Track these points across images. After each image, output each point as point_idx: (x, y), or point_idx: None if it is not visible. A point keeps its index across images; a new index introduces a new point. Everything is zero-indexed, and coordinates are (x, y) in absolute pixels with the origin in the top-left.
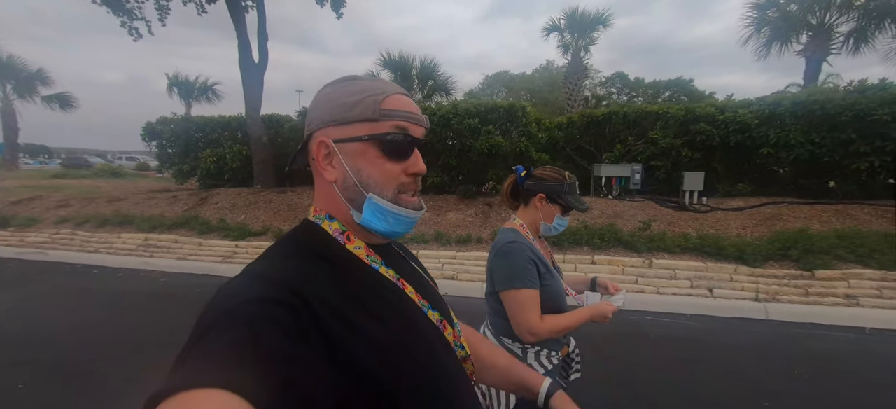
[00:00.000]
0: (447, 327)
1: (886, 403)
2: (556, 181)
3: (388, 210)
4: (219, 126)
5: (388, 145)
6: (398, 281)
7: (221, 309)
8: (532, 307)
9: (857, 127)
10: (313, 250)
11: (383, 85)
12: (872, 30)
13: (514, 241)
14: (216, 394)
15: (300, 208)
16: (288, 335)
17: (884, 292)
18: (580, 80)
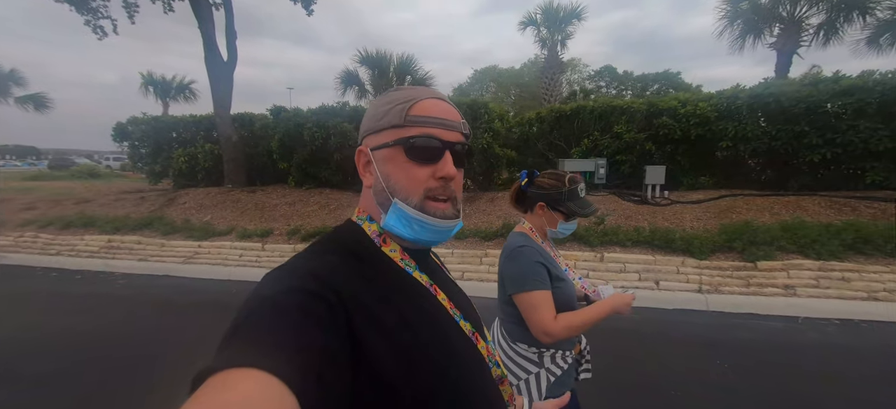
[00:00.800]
0: (480, 341)
1: (801, 390)
2: (554, 189)
3: (412, 216)
4: (191, 125)
5: (412, 149)
6: (431, 287)
7: (262, 296)
8: (545, 308)
9: (810, 119)
10: (350, 249)
11: (417, 92)
12: (841, 23)
13: (523, 245)
14: (256, 373)
15: (268, 208)
16: (321, 327)
17: (820, 282)
18: (556, 73)
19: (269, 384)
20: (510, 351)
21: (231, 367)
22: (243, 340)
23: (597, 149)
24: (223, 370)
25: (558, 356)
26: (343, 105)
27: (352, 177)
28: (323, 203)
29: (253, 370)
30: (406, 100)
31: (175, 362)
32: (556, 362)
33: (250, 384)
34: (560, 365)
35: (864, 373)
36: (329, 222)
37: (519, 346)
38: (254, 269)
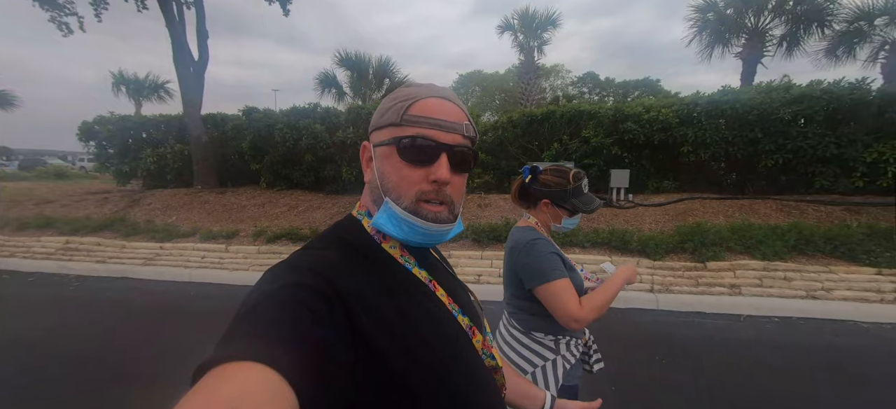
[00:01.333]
0: (476, 334)
1: (733, 384)
2: (558, 187)
3: (400, 217)
4: (161, 125)
5: (404, 150)
6: (430, 283)
7: (262, 292)
8: (569, 294)
9: (763, 126)
10: (350, 244)
11: (423, 91)
12: (801, 34)
13: (536, 239)
14: (255, 366)
15: (236, 209)
16: (320, 322)
17: (764, 282)
18: (533, 78)
19: (268, 377)
20: (526, 340)
21: (231, 360)
22: (243, 334)
23: (566, 153)
24: (223, 362)
25: (572, 344)
26: (314, 106)
27: (324, 179)
28: (292, 205)
29: (252, 364)
30: (407, 98)
31: (120, 365)
32: (571, 349)
33: (250, 377)
34: (574, 353)
35: (797, 367)
36: (297, 224)
37: (536, 335)
38: (216, 271)
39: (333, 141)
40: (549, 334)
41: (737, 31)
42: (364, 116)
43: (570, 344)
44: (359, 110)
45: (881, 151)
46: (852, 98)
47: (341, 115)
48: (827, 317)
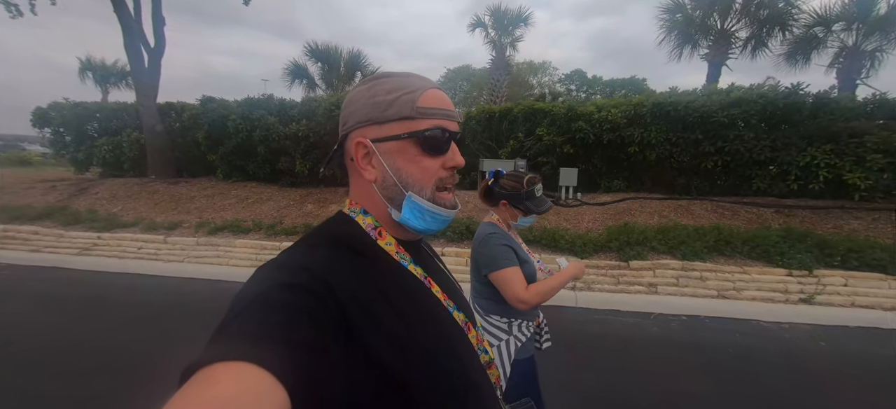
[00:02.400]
0: (471, 330)
1: (625, 379)
2: (514, 190)
3: (426, 208)
4: (119, 113)
5: (427, 142)
6: (425, 279)
7: (253, 292)
8: (517, 280)
9: (704, 128)
10: (344, 242)
11: (418, 81)
12: (764, 37)
13: (492, 233)
14: (246, 367)
15: (184, 200)
16: (312, 322)
17: (680, 281)
18: (503, 76)
19: (259, 378)
20: (484, 323)
21: (220, 361)
22: (233, 334)
23: (522, 150)
24: (212, 363)
25: (523, 325)
26: (268, 97)
27: (279, 171)
28: (243, 197)
29: (243, 364)
30: (411, 89)
31: (31, 354)
32: (522, 330)
33: (240, 378)
34: (524, 333)
35: (688, 362)
36: (243, 216)
37: (492, 318)
38: (151, 262)
39: (287, 133)
40: (503, 318)
41: (704, 32)
42: (320, 109)
43: (522, 326)
44: (310, 102)
45: (814, 155)
46: (786, 103)
47: (295, 107)
48: (732, 316)
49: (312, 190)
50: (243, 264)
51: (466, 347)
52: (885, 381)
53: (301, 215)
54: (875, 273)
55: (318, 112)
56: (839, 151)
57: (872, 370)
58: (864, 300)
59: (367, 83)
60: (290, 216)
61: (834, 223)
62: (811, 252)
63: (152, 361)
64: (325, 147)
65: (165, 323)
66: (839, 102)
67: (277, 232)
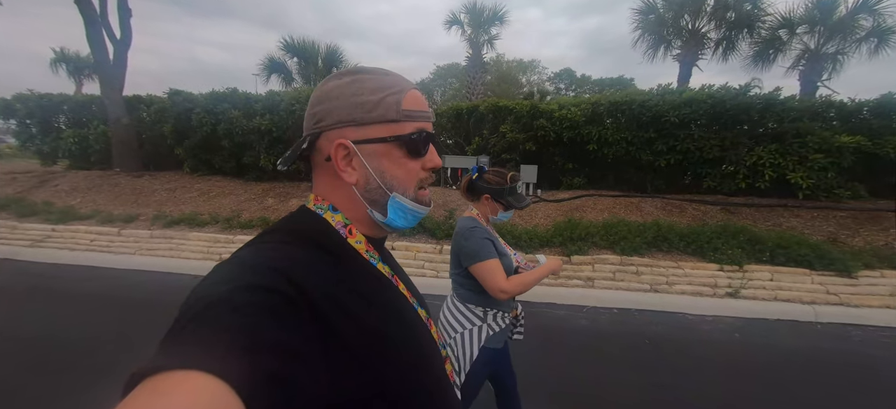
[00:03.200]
0: (432, 326)
1: (545, 369)
2: (497, 185)
3: (408, 208)
4: (85, 105)
5: (411, 145)
6: (393, 277)
7: (212, 294)
8: (498, 272)
9: (657, 127)
10: (311, 240)
11: (398, 81)
12: (734, 38)
13: (474, 227)
14: (198, 377)
15: (145, 193)
16: (281, 325)
17: (617, 275)
18: (479, 73)
19: (212, 389)
20: (461, 308)
21: (171, 369)
22: (186, 339)
23: (487, 147)
24: (161, 371)
25: (499, 316)
26: (232, 91)
27: (245, 165)
28: (205, 190)
29: (195, 373)
30: (395, 90)
31: None
32: (497, 320)
33: (191, 388)
34: (499, 324)
35: (609, 353)
36: (202, 210)
37: (469, 306)
38: (104, 254)
39: (250, 127)
40: (479, 306)
41: (677, 33)
42: (282, 104)
43: (497, 316)
44: (274, 97)
45: (760, 154)
46: (733, 104)
47: (259, 101)
48: (661, 309)
49: (276, 184)
50: (195, 257)
51: (431, 344)
52: (783, 371)
53: (260, 209)
54: (801, 268)
55: (281, 107)
56: (783, 151)
57: (774, 360)
58: (786, 294)
59: (344, 79)
60: (250, 210)
61: (775, 221)
62: (743, 248)
63: (85, 353)
64: (288, 142)
65: (107, 314)
66: (785, 102)
67: (234, 226)
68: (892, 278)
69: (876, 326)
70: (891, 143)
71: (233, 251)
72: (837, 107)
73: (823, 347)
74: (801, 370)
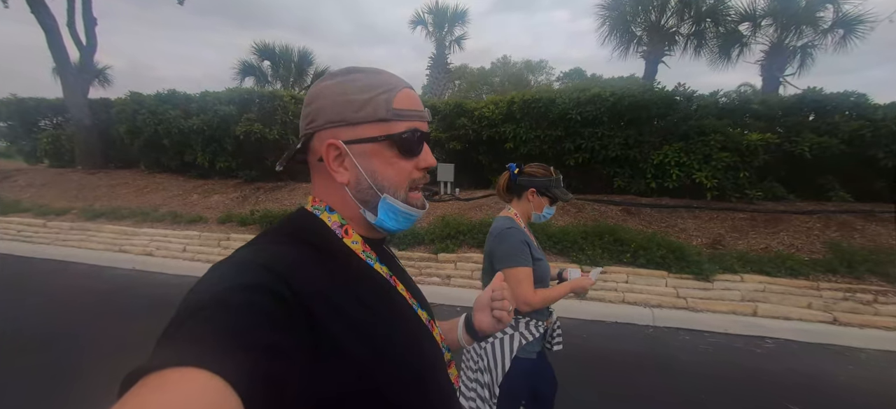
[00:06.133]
0: (434, 328)
1: None
2: (544, 177)
3: (400, 210)
4: (59, 108)
5: (403, 144)
6: (390, 278)
7: (208, 294)
8: (527, 282)
9: (564, 126)
10: (307, 240)
11: (390, 80)
12: (703, 32)
13: (510, 227)
14: (197, 373)
15: (89, 188)
16: (274, 324)
17: (474, 274)
18: (443, 74)
19: (211, 385)
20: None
21: (169, 366)
22: (183, 338)
23: None
24: (160, 369)
25: (532, 324)
26: (172, 92)
27: (187, 163)
28: (142, 187)
29: (194, 370)
30: (386, 89)
31: None
32: (530, 329)
33: (190, 385)
34: (532, 333)
35: None
36: (131, 204)
37: None
38: (23, 244)
39: (187, 127)
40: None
41: (646, 29)
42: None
43: (530, 324)
44: (207, 97)
45: (667, 153)
46: (632, 102)
47: (194, 101)
48: None
49: (208, 181)
50: (99, 248)
51: (432, 345)
52: (601, 374)
53: (182, 204)
54: (659, 271)
55: (212, 106)
56: (688, 150)
57: (594, 363)
58: (635, 297)
59: (335, 79)
60: (171, 204)
61: (671, 222)
62: (607, 249)
63: None
64: (220, 140)
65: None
66: (692, 99)
67: (151, 219)
68: (751, 282)
69: (711, 331)
70: (806, 140)
71: (127, 244)
72: (764, 103)
73: (635, 350)
74: (585, 368)
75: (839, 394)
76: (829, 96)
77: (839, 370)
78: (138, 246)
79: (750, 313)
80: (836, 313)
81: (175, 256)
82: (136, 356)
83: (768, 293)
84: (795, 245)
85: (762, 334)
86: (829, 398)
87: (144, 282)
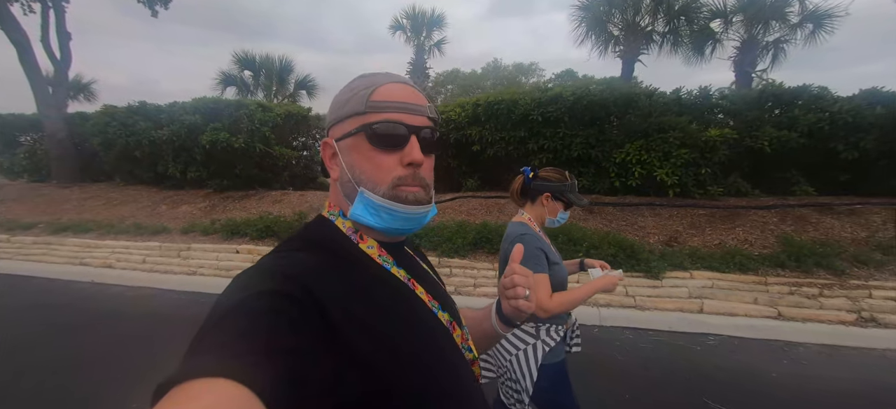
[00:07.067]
0: (456, 329)
1: None
2: (559, 181)
3: (379, 204)
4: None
5: (375, 136)
6: (409, 281)
7: (231, 302)
8: (543, 288)
9: (527, 126)
10: (323, 246)
11: (379, 78)
12: (678, 30)
13: (524, 233)
14: (223, 383)
15: (60, 202)
16: (293, 329)
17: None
18: (421, 78)
19: (237, 394)
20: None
21: (196, 377)
22: (210, 347)
23: None
24: (188, 380)
25: (552, 330)
26: (142, 104)
27: (161, 175)
28: (112, 199)
29: (220, 380)
30: (368, 85)
31: None
32: (551, 334)
33: (217, 395)
34: (553, 338)
35: None
36: (100, 216)
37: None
38: None
39: (157, 138)
40: (529, 323)
41: (623, 29)
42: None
43: (551, 330)
44: (174, 107)
45: (628, 151)
46: (590, 101)
47: (163, 112)
48: None
49: (180, 192)
50: (60, 261)
51: (452, 346)
52: None
53: (151, 215)
54: None
55: (180, 117)
56: (649, 147)
57: None
58: None
59: (344, 86)
60: (138, 216)
61: (632, 220)
62: (561, 249)
63: None
64: (190, 150)
65: None
66: (651, 96)
67: (115, 231)
68: (700, 279)
69: (656, 329)
70: (766, 135)
71: (88, 257)
72: (725, 98)
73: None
74: None
75: (763, 389)
76: (788, 90)
77: (772, 365)
78: (99, 258)
79: (697, 310)
80: (781, 308)
81: (134, 267)
82: (76, 371)
83: (716, 290)
84: (750, 240)
85: (706, 330)
86: (748, 395)
87: (99, 295)
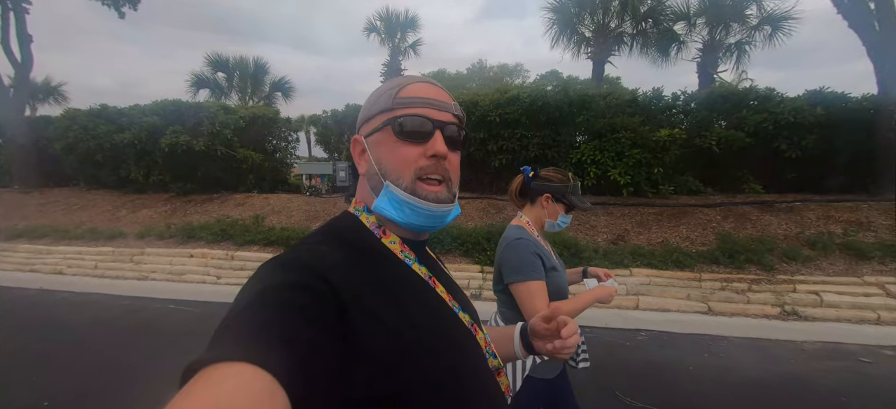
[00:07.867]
0: (478, 332)
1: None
2: (560, 183)
3: (402, 199)
4: None
5: (400, 127)
6: (430, 279)
7: (255, 290)
8: (539, 296)
9: (486, 127)
10: (346, 240)
11: (408, 78)
12: (647, 32)
13: (520, 237)
14: (245, 367)
15: (18, 207)
16: (313, 320)
17: None
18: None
19: (258, 378)
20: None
21: (221, 361)
22: (234, 334)
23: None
24: (213, 363)
25: None
26: (104, 107)
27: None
28: (73, 203)
29: (243, 365)
30: (396, 85)
31: None
32: None
33: (240, 378)
34: None
35: None
36: (58, 222)
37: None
38: None
39: (118, 141)
40: None
41: (594, 31)
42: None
43: None
44: (134, 110)
45: (583, 151)
46: (545, 102)
47: (124, 115)
48: None
49: (142, 196)
50: (9, 268)
51: (474, 347)
52: None
53: (110, 219)
54: (476, 264)
55: (140, 120)
56: (602, 148)
57: None
58: None
59: (376, 88)
60: (97, 221)
61: (584, 220)
62: (485, 250)
63: None
64: (151, 153)
65: None
66: (606, 98)
67: (69, 236)
68: (639, 276)
69: (590, 326)
70: (714, 135)
71: (39, 263)
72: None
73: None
74: None
75: (676, 380)
76: (737, 91)
77: (693, 358)
78: (50, 265)
79: (633, 307)
80: (712, 303)
81: (86, 273)
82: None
83: (652, 286)
84: (691, 238)
85: (639, 326)
86: (663, 386)
87: (43, 302)
